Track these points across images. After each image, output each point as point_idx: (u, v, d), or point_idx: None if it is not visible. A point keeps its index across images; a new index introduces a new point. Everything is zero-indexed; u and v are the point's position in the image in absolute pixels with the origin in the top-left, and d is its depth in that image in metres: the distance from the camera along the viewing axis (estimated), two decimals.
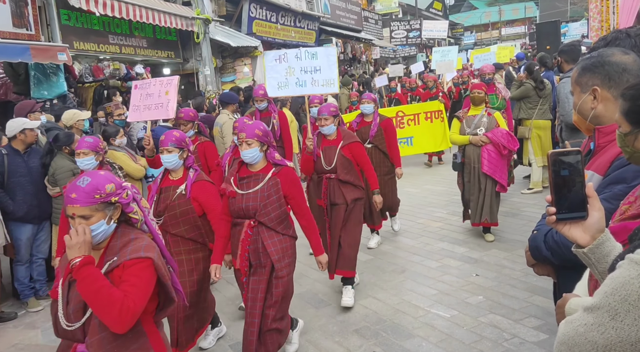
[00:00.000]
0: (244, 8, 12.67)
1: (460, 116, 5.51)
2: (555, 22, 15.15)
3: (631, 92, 1.39)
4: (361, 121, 5.59)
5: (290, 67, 4.59)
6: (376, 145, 5.52)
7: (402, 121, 9.02)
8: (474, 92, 5.42)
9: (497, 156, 5.24)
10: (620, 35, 2.16)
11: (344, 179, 4.26)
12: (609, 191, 1.76)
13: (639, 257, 0.95)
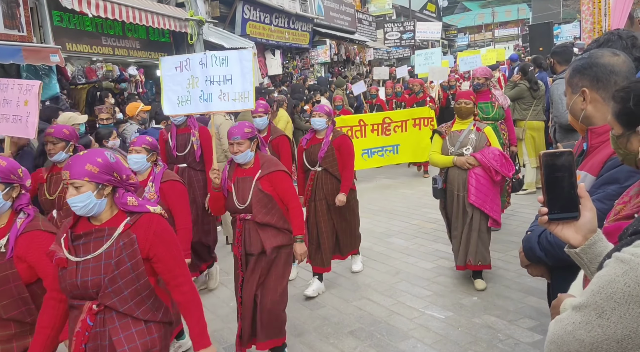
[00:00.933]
0: (237, 9, 12.66)
1: (442, 131, 4.52)
2: (547, 23, 15.25)
3: (621, 95, 1.40)
4: (312, 138, 4.62)
5: (193, 77, 3.57)
6: (326, 169, 4.53)
7: (388, 128, 8.61)
8: (460, 102, 4.44)
9: (487, 183, 4.23)
10: (613, 37, 2.18)
11: (262, 221, 3.22)
12: (602, 192, 1.77)
13: (624, 255, 0.96)
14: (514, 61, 13.06)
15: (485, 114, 5.61)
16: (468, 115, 4.46)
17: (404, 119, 8.64)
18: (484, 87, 5.82)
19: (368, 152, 8.57)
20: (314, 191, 4.59)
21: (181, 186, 3.53)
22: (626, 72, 1.84)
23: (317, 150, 4.52)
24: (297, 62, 16.85)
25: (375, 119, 8.56)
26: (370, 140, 8.54)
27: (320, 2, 17.77)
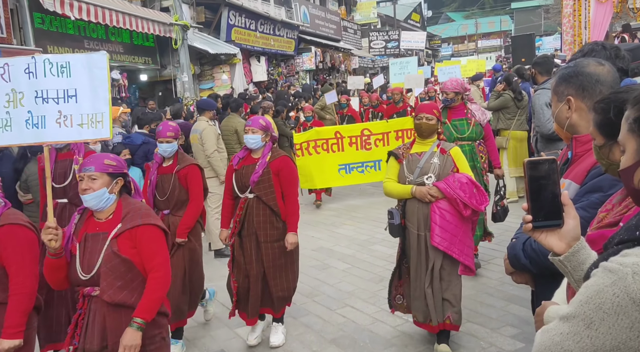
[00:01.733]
0: (223, 15, 12.63)
1: (399, 154, 3.55)
2: (529, 35, 15.49)
3: (602, 105, 1.41)
4: (246, 157, 3.74)
5: (15, 92, 2.47)
6: (259, 196, 3.64)
7: (368, 141, 7.59)
8: (420, 117, 3.53)
9: (454, 220, 3.36)
10: (597, 47, 2.21)
11: (112, 301, 2.31)
12: (586, 200, 1.78)
13: (612, 265, 0.95)
14: (497, 71, 13.23)
15: (460, 133, 4.74)
16: (430, 134, 3.55)
17: (385, 131, 7.58)
18: (456, 102, 4.89)
19: (346, 167, 7.68)
20: (242, 223, 3.70)
21: (25, 233, 2.47)
22: (611, 82, 1.86)
23: (250, 173, 3.65)
24: (282, 69, 16.86)
25: (353, 131, 7.69)
26: (348, 155, 7.64)
27: (306, 10, 17.85)
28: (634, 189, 1.09)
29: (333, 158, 7.51)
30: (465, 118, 4.82)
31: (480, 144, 4.84)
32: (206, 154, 6.23)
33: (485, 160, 4.89)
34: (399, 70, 11.57)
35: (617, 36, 11.17)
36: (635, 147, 1.08)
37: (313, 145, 7.52)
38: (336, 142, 7.61)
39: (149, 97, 11.15)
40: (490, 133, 4.98)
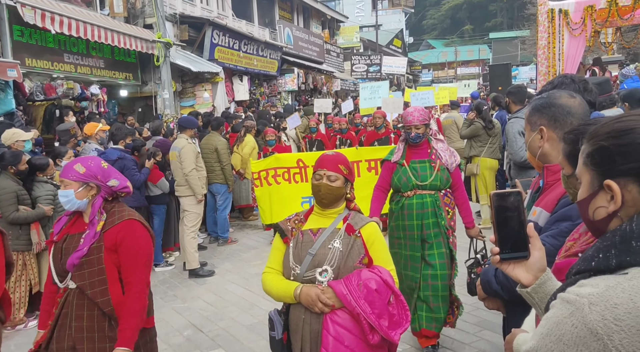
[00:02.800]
0: (206, 34, 12.69)
1: (286, 229, 2.39)
2: (506, 65, 15.94)
3: (571, 136, 1.45)
4: (74, 221, 2.42)
5: None
6: (81, 288, 2.27)
7: None
8: (320, 174, 2.35)
9: (358, 346, 2.14)
10: (566, 80, 2.29)
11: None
12: (556, 228, 1.82)
13: (569, 296, 0.96)
14: (475, 98, 13.53)
15: (421, 179, 3.67)
16: (334, 202, 2.33)
17: (355, 160, 6.43)
18: (423, 139, 3.76)
19: (310, 200, 6.46)
20: (55, 331, 2.32)
21: None
22: (582, 114, 1.92)
23: (72, 249, 2.30)
24: (265, 89, 16.93)
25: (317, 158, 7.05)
26: None
27: (290, 32, 18.06)
28: (589, 221, 1.12)
29: (295, 189, 6.55)
30: (428, 160, 3.72)
31: (446, 194, 3.78)
32: (184, 172, 6.18)
33: (453, 216, 3.80)
34: (370, 95, 10.93)
35: (589, 69, 11.57)
36: (589, 180, 1.10)
37: (273, 174, 6.58)
38: (299, 171, 6.60)
39: (128, 112, 11.04)
40: (459, 181, 3.85)
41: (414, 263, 3.73)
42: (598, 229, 1.10)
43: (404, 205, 3.73)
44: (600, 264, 1.00)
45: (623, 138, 1.03)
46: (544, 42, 10.18)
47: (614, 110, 3.14)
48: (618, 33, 11.34)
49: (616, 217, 1.05)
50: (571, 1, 10.38)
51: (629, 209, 1.03)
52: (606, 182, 1.04)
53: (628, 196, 1.02)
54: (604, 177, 1.05)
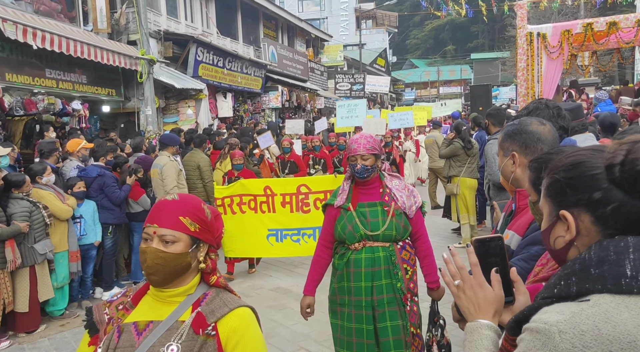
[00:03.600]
0: (191, 51, 12.73)
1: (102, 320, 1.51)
2: (487, 85, 16.26)
3: (535, 165, 1.51)
4: None
5: None
6: None
7: (306, 201, 5.87)
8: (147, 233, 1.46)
9: None
10: (541, 105, 2.36)
11: None
12: (526, 252, 1.86)
13: (537, 325, 0.98)
14: (456, 118, 13.74)
15: (371, 228, 2.85)
16: (171, 277, 1.46)
17: (329, 189, 5.68)
18: (372, 174, 2.92)
19: (277, 234, 6.00)
20: None
21: None
22: (551, 140, 1.98)
23: None
24: (249, 106, 16.98)
25: (287, 187, 5.95)
26: (281, 217, 5.98)
27: (274, 50, 18.20)
28: (551, 250, 1.16)
29: (261, 220, 5.97)
30: (380, 202, 2.90)
31: (405, 247, 2.93)
32: (165, 190, 6.15)
33: (412, 275, 2.96)
34: (347, 113, 10.58)
35: (566, 91, 11.88)
36: (549, 211, 1.15)
37: (238, 202, 5.98)
38: (266, 200, 5.94)
39: (110, 128, 10.96)
40: (421, 229, 2.99)
41: (361, 339, 2.86)
42: (559, 257, 1.15)
43: (349, 261, 2.87)
44: (562, 291, 1.03)
45: (572, 171, 1.09)
46: (523, 64, 10.45)
47: (586, 135, 3.25)
48: (594, 56, 11.70)
49: (574, 246, 1.10)
50: (549, 25, 10.71)
51: (583, 238, 1.07)
52: (561, 213, 1.10)
53: (582, 225, 1.07)
54: (559, 208, 1.11)
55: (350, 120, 10.57)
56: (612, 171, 1.03)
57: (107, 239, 5.94)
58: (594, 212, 1.05)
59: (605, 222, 1.04)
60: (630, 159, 1.01)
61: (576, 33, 9.68)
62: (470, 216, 7.26)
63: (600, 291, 0.97)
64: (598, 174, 1.06)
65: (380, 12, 43.36)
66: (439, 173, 9.58)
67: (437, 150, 9.42)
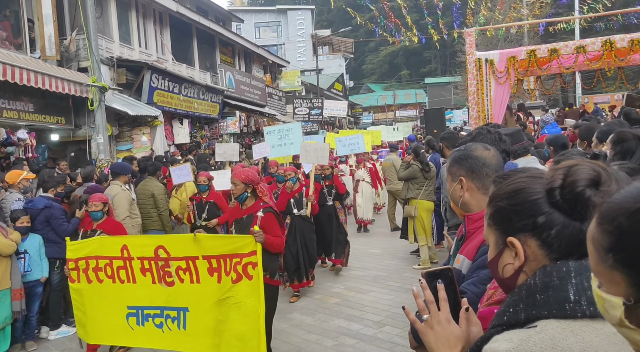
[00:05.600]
0: (145, 78, 12.54)
1: None
2: (440, 109, 16.78)
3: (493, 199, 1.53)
4: None
5: None
6: None
7: (167, 269, 4.13)
8: None
9: None
10: (483, 131, 2.43)
11: None
12: (476, 276, 1.87)
13: (494, 345, 0.98)
14: (412, 141, 14.03)
15: None
16: None
17: (190, 255, 4.03)
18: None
19: (138, 313, 4.30)
20: None
21: None
22: (495, 165, 2.04)
23: None
24: (206, 132, 16.81)
25: (145, 248, 4.24)
26: (142, 291, 4.28)
27: (231, 76, 18.19)
28: (500, 279, 1.17)
29: (120, 294, 4.32)
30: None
31: None
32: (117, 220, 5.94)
33: None
34: (279, 141, 8.77)
35: (515, 114, 12.37)
36: (495, 240, 1.17)
37: (94, 266, 4.38)
38: (123, 264, 4.32)
39: (60, 157, 10.57)
40: None
41: None
42: (508, 285, 1.15)
43: None
44: (511, 319, 1.04)
45: (515, 198, 1.12)
46: (473, 88, 10.82)
47: (528, 158, 3.37)
48: (539, 81, 12.28)
49: (522, 272, 1.11)
50: (496, 52, 11.17)
51: (531, 263, 1.09)
52: (509, 239, 1.11)
53: (529, 250, 1.09)
54: (506, 235, 1.12)
55: (284, 148, 8.73)
56: (553, 195, 1.06)
57: (54, 274, 5.65)
58: (539, 237, 1.08)
59: (550, 246, 1.06)
60: (569, 181, 1.04)
61: (521, 59, 10.13)
62: (427, 238, 7.36)
63: (546, 316, 0.98)
64: (539, 198, 1.08)
65: (336, 39, 44.27)
66: (397, 195, 9.70)
67: (394, 173, 9.56)
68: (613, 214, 0.73)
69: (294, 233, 6.50)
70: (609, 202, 0.76)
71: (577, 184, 1.02)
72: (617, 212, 0.73)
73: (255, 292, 3.74)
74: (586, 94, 22.41)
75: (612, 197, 0.76)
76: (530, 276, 1.07)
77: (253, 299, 3.74)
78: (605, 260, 0.74)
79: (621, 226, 0.71)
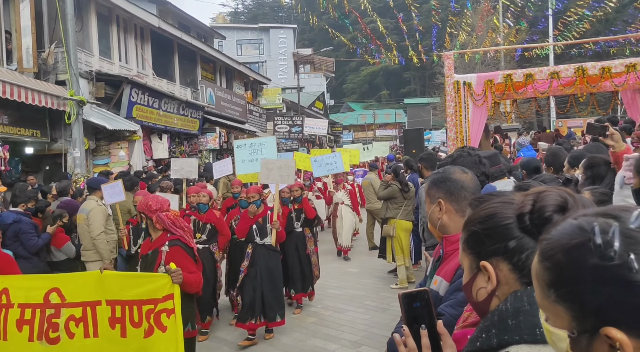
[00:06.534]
0: (124, 92, 12.44)
1: None
2: (419, 129, 17.03)
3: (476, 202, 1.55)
4: None
5: None
6: None
7: (55, 319, 3.37)
8: None
9: None
10: (463, 153, 2.47)
11: None
12: (454, 298, 1.89)
13: None
14: (391, 161, 14.16)
15: None
16: None
17: (91, 300, 3.31)
18: None
19: None
20: None
21: None
22: (473, 188, 2.08)
23: None
24: (185, 147, 16.69)
25: (31, 292, 3.47)
26: (13, 348, 3.41)
27: (212, 92, 18.18)
28: (474, 303, 1.19)
29: None
30: None
31: None
32: (92, 236, 5.82)
33: None
34: (249, 156, 7.57)
35: (492, 136, 12.61)
36: (469, 264, 1.19)
37: (3, 315, 3.48)
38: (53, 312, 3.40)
39: (34, 171, 10.35)
40: None
41: None
42: (481, 309, 1.17)
43: None
44: (484, 345, 1.05)
45: (487, 222, 1.14)
46: (451, 110, 11.01)
47: (505, 181, 3.43)
48: (515, 104, 12.58)
49: (495, 296, 1.13)
50: (473, 75, 11.41)
51: (503, 287, 1.11)
52: (481, 263, 1.13)
53: (501, 274, 1.11)
54: (479, 259, 1.14)
55: (253, 165, 7.43)
56: (523, 220, 1.09)
57: None
58: (510, 261, 1.10)
59: (522, 270, 1.08)
60: (538, 207, 1.07)
61: (498, 83, 10.36)
62: (405, 258, 7.38)
63: (518, 341, 1.00)
64: (510, 223, 1.11)
65: (317, 58, 44.73)
66: (376, 214, 9.71)
67: (373, 192, 9.59)
68: (552, 251, 0.75)
69: (256, 265, 5.50)
70: (548, 239, 0.78)
71: (546, 209, 1.05)
72: (556, 249, 0.75)
73: (172, 348, 2.94)
74: (560, 118, 23.04)
75: (550, 233, 0.78)
76: (502, 301, 1.09)
77: (161, 340, 2.96)
78: (548, 295, 0.76)
79: (560, 262, 0.73)
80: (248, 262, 5.53)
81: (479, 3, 31.27)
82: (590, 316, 0.69)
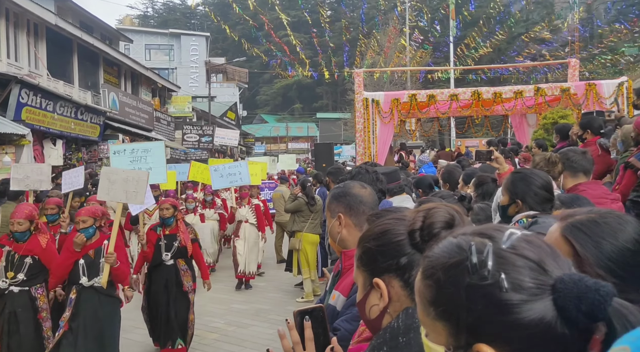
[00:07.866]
0: (12, 92, 11.37)
1: None
2: (329, 144, 17.33)
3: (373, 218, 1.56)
4: None
5: None
6: None
7: None
8: None
9: None
10: (362, 170, 2.51)
11: None
12: (350, 312, 1.88)
13: None
14: (301, 174, 14.25)
15: None
16: None
17: None
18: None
19: None
20: None
21: None
22: (371, 203, 2.10)
23: None
24: (83, 154, 15.59)
25: None
26: None
27: (116, 97, 17.24)
28: (368, 320, 1.17)
29: None
30: None
31: None
32: None
33: None
34: (130, 165, 5.91)
35: (397, 152, 13.16)
36: (362, 281, 1.18)
37: None
38: None
39: None
40: None
41: None
42: (374, 326, 1.15)
43: None
44: None
45: (380, 239, 1.14)
46: (360, 126, 11.36)
47: (403, 196, 3.56)
48: (419, 123, 13.27)
49: (387, 313, 1.12)
50: (381, 93, 11.88)
51: (395, 304, 1.11)
52: (374, 280, 1.12)
53: (393, 291, 1.10)
54: (373, 276, 1.13)
55: None
56: (414, 236, 1.10)
57: None
58: (402, 277, 1.10)
59: (413, 286, 1.08)
60: (428, 223, 1.08)
61: (404, 102, 10.88)
62: (311, 271, 7.40)
63: None
64: (402, 240, 1.11)
65: (230, 68, 44.18)
66: (285, 227, 9.66)
67: (283, 205, 9.54)
68: (432, 269, 0.76)
69: (80, 316, 4.11)
70: (429, 257, 0.78)
71: (434, 226, 1.07)
72: (436, 267, 0.75)
73: None
74: (459, 137, 24.63)
75: (432, 251, 0.79)
76: (394, 318, 1.09)
77: None
78: (428, 313, 0.76)
79: (439, 280, 0.74)
80: (70, 312, 4.09)
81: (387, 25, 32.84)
82: (464, 333, 0.70)
